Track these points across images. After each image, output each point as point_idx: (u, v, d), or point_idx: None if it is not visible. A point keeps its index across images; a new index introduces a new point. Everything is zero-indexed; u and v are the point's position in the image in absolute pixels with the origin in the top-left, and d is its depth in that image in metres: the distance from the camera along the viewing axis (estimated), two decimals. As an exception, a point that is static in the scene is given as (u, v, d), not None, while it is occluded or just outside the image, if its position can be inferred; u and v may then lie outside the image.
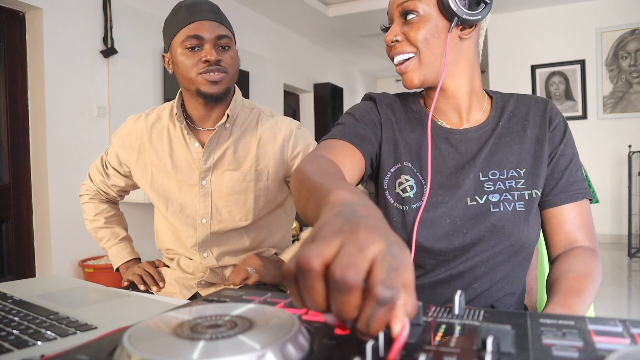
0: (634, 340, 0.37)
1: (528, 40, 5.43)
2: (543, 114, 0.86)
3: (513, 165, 0.83)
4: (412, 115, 0.91)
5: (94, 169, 1.39)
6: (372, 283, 0.32)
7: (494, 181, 0.82)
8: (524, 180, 0.82)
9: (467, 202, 0.82)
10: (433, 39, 0.80)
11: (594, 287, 0.75)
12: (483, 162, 0.84)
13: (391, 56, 0.84)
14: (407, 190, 0.84)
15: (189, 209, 1.23)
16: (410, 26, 0.80)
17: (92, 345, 0.39)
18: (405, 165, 0.86)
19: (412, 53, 0.81)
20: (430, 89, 0.88)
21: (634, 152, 4.65)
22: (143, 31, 3.43)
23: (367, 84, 8.53)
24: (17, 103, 2.92)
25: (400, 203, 0.85)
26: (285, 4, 4.89)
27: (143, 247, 1.80)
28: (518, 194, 0.81)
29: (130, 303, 0.74)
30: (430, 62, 0.81)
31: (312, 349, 0.36)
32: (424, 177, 0.84)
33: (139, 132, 1.26)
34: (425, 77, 0.82)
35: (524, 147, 0.84)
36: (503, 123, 0.87)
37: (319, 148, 0.81)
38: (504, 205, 0.80)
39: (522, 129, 0.86)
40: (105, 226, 1.40)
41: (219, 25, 1.13)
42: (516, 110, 0.88)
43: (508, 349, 0.35)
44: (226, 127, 1.20)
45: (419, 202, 0.83)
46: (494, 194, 0.81)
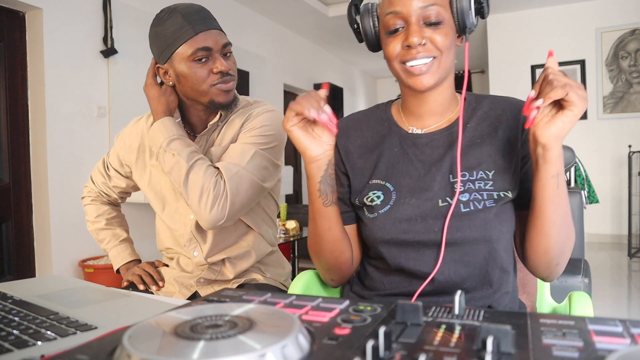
0: (634, 340, 0.37)
1: (528, 40, 5.43)
2: (516, 116, 0.86)
3: (482, 167, 0.84)
4: (380, 124, 0.94)
5: (95, 170, 1.40)
6: None
7: (463, 182, 0.83)
8: (492, 182, 0.83)
9: (438, 204, 0.83)
10: (452, 44, 0.83)
11: (572, 231, 0.80)
12: (452, 164, 0.85)
13: (410, 58, 0.82)
14: (374, 200, 0.87)
15: (182, 206, 1.23)
16: (435, 32, 0.81)
17: (92, 345, 0.39)
18: (373, 182, 0.89)
19: (434, 57, 0.82)
20: (418, 93, 0.87)
21: (634, 152, 4.65)
22: (143, 31, 3.41)
23: (367, 84, 8.53)
24: (17, 103, 2.92)
25: (370, 212, 0.88)
26: (285, 4, 4.89)
27: (143, 247, 1.80)
28: (487, 194, 0.82)
29: (130, 303, 0.74)
30: (446, 66, 0.83)
31: (312, 349, 0.36)
32: (393, 185, 0.87)
33: (139, 133, 1.28)
34: (439, 80, 0.84)
35: (494, 148, 0.85)
36: (473, 125, 0.87)
37: None
38: (473, 204, 0.81)
39: (493, 130, 0.86)
40: (107, 228, 1.40)
41: (220, 33, 1.14)
42: (490, 112, 0.88)
43: (508, 349, 0.35)
44: (218, 125, 1.22)
45: (386, 206, 0.85)
46: (464, 194, 0.82)
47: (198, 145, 1.20)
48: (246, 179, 1.12)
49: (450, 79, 0.88)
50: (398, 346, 0.37)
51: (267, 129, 1.18)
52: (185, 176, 1.08)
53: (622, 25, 5.06)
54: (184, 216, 1.23)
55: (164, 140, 1.11)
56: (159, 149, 1.12)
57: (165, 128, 1.12)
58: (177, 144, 1.11)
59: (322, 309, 0.47)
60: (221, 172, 1.10)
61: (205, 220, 1.09)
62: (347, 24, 0.93)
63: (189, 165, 1.08)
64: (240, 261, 1.25)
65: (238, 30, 4.72)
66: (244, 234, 1.26)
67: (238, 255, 1.25)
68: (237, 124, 1.20)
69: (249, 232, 1.27)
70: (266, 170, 1.17)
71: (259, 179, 1.15)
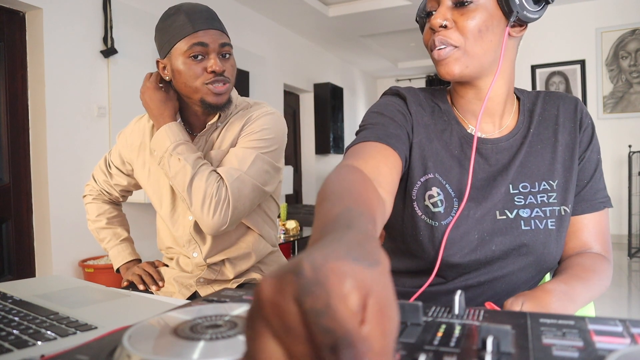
0: (634, 340, 0.37)
1: (528, 40, 5.42)
2: (573, 117, 0.81)
3: (545, 177, 0.78)
4: (439, 116, 0.84)
5: (97, 169, 1.40)
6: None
7: (524, 195, 0.77)
8: (556, 194, 0.77)
9: (496, 216, 0.77)
10: (486, 31, 0.73)
11: (599, 284, 0.73)
12: (514, 173, 0.79)
13: (432, 43, 0.75)
14: (437, 205, 0.78)
15: (179, 207, 1.24)
16: (464, 14, 0.72)
17: (92, 345, 0.39)
18: (435, 177, 0.80)
19: (457, 45, 0.73)
20: (462, 85, 0.80)
21: (634, 152, 4.65)
22: (143, 31, 3.43)
23: (367, 84, 8.53)
24: (17, 103, 2.92)
25: (429, 217, 0.79)
26: (285, 4, 4.89)
27: (143, 247, 1.80)
28: (550, 210, 0.77)
29: (130, 303, 0.74)
30: (477, 55, 0.74)
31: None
32: (454, 190, 0.79)
33: (141, 131, 1.28)
34: (468, 70, 0.74)
35: (556, 156, 0.79)
36: (533, 130, 0.81)
37: (348, 156, 0.72)
38: (535, 223, 0.76)
39: (552, 134, 0.80)
40: (107, 227, 1.40)
41: (221, 34, 1.13)
42: (545, 113, 0.82)
43: (508, 348, 0.35)
44: (217, 127, 1.21)
45: (448, 217, 0.78)
46: (525, 209, 0.77)
47: (197, 146, 1.20)
48: (248, 184, 1.12)
49: (501, 74, 0.78)
50: (398, 346, 0.37)
51: (266, 133, 1.18)
52: (190, 182, 1.08)
53: (622, 25, 5.06)
54: (182, 217, 1.24)
55: (170, 144, 1.11)
56: (164, 153, 1.12)
57: (172, 133, 1.13)
58: (183, 149, 1.11)
59: (322, 309, 0.47)
60: (223, 177, 1.10)
61: (208, 226, 1.10)
62: (347, 24, 0.92)
63: (194, 171, 1.09)
64: (240, 262, 1.25)
65: (238, 30, 4.72)
66: (243, 234, 1.26)
67: (238, 256, 1.25)
68: (236, 127, 1.20)
69: (248, 233, 1.27)
70: (267, 174, 1.17)
71: (261, 183, 1.15)
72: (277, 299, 0.23)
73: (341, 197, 0.45)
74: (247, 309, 0.26)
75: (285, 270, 0.23)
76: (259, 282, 0.24)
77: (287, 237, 3.12)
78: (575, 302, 0.65)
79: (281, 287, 0.23)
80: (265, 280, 0.24)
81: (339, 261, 0.24)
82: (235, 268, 1.25)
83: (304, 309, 0.22)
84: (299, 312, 0.22)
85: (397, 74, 8.66)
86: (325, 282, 0.22)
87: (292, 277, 0.23)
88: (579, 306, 0.67)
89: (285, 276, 0.23)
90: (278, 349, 0.23)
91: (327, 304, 0.22)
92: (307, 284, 0.22)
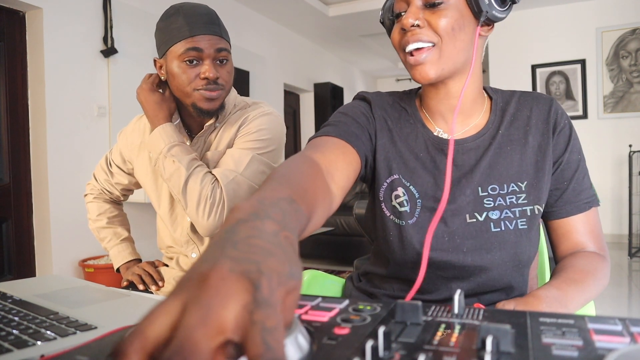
0: (634, 339, 0.37)
1: (528, 40, 5.43)
2: (547, 118, 0.80)
3: (514, 178, 0.78)
4: (406, 119, 0.85)
5: (98, 168, 1.40)
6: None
7: (493, 197, 0.77)
8: (525, 195, 0.77)
9: (466, 219, 0.77)
10: (459, 30, 0.73)
11: (595, 285, 0.72)
12: (482, 175, 0.78)
13: (405, 43, 0.75)
14: (403, 205, 0.80)
15: (177, 207, 1.24)
16: (435, 13, 0.73)
17: (92, 345, 0.39)
18: (399, 177, 0.82)
19: (432, 43, 0.73)
20: (432, 86, 0.81)
21: (635, 151, 4.65)
22: (143, 31, 3.43)
23: (367, 84, 8.53)
24: (17, 103, 2.92)
25: (397, 217, 0.81)
26: (285, 4, 4.88)
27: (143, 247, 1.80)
28: (519, 211, 0.77)
29: (130, 303, 0.74)
30: (451, 55, 0.74)
31: (312, 349, 0.36)
32: (418, 192, 0.80)
33: (141, 129, 1.28)
34: (443, 71, 0.75)
35: (525, 157, 0.79)
36: (503, 130, 0.80)
37: (307, 147, 0.74)
38: (504, 224, 0.76)
39: (523, 135, 0.80)
40: (108, 226, 1.40)
41: (219, 39, 1.10)
42: (518, 113, 0.82)
43: (508, 348, 0.35)
44: (215, 127, 1.21)
45: (413, 217, 0.79)
46: (494, 211, 0.77)
47: (195, 147, 1.19)
48: (243, 185, 1.11)
49: (472, 74, 0.78)
50: (397, 346, 0.37)
51: (263, 133, 1.17)
52: (184, 184, 1.08)
53: (622, 25, 5.06)
54: (180, 217, 1.24)
55: (164, 146, 1.10)
56: (159, 155, 1.11)
57: (166, 134, 1.12)
58: (177, 150, 1.10)
59: (322, 308, 0.47)
60: (218, 179, 1.10)
61: (203, 227, 1.09)
62: (347, 24, 0.92)
63: (188, 173, 1.08)
64: None
65: (238, 30, 4.72)
66: None
67: None
68: (234, 127, 1.19)
69: None
70: (264, 174, 1.16)
71: (257, 184, 1.14)
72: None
73: (288, 184, 0.47)
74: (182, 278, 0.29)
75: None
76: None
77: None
78: (567, 308, 0.65)
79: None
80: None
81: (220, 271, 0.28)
82: None
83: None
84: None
85: (397, 73, 8.66)
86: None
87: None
88: (571, 311, 0.66)
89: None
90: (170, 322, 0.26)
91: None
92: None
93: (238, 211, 0.36)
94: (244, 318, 0.26)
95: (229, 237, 0.32)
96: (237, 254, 0.29)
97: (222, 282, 0.27)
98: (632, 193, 4.64)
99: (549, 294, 0.65)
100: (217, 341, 0.25)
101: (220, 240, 0.32)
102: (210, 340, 0.24)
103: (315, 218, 0.53)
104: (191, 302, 0.26)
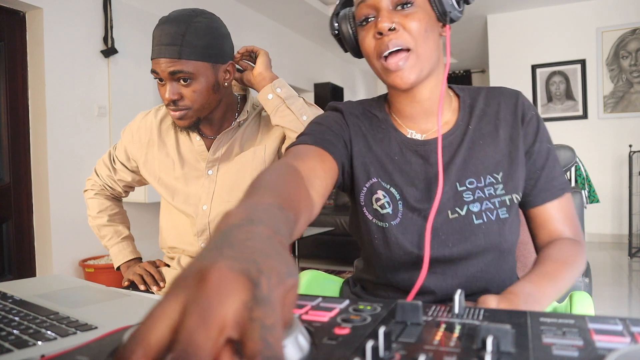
0: (634, 339, 0.37)
1: (528, 40, 5.43)
2: (514, 110, 0.83)
3: (489, 170, 0.80)
4: (377, 125, 0.87)
5: (100, 163, 1.40)
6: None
7: (472, 190, 0.79)
8: (503, 185, 0.79)
9: (448, 216, 0.79)
10: (430, 31, 0.75)
11: (570, 273, 0.74)
12: (458, 170, 0.80)
13: (383, 48, 0.75)
14: (385, 207, 0.82)
15: (192, 197, 1.24)
16: (407, 16, 0.74)
17: (92, 345, 0.39)
18: (378, 181, 0.83)
19: (409, 46, 0.75)
20: (404, 91, 0.81)
21: (635, 151, 4.65)
22: (143, 31, 3.43)
23: (367, 84, 8.53)
24: (18, 103, 2.92)
25: (379, 220, 0.82)
26: (285, 4, 4.89)
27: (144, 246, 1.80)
28: (499, 201, 0.79)
29: (130, 303, 0.74)
30: (426, 56, 0.76)
31: (312, 349, 0.36)
32: (398, 193, 0.82)
33: (149, 127, 1.29)
34: (422, 73, 0.76)
35: (498, 149, 0.81)
36: (474, 125, 0.83)
37: (286, 155, 0.75)
38: (486, 215, 0.78)
39: (494, 129, 0.82)
40: (109, 224, 1.40)
41: (173, 62, 1.06)
42: (486, 109, 0.84)
43: (508, 348, 0.35)
44: (240, 125, 1.25)
45: (396, 218, 0.81)
46: (474, 203, 0.79)
47: (219, 142, 1.22)
48: None
49: (438, 75, 0.81)
50: (398, 346, 0.37)
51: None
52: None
53: (622, 25, 5.06)
54: (194, 206, 1.24)
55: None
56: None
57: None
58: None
59: (322, 308, 0.47)
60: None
61: None
62: None
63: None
64: None
65: (238, 30, 4.72)
66: None
67: None
68: (257, 126, 1.26)
69: None
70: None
71: None
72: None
73: (275, 191, 0.48)
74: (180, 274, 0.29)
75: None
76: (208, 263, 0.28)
77: (288, 237, 3.13)
78: (540, 303, 0.67)
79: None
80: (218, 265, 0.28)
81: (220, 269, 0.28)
82: None
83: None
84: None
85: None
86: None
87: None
88: (546, 304, 0.68)
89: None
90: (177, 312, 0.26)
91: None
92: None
93: (230, 217, 0.37)
94: (243, 315, 0.26)
95: (225, 239, 0.32)
96: (235, 254, 0.30)
97: (221, 280, 0.27)
98: (632, 193, 4.64)
99: (524, 291, 0.67)
100: (219, 341, 0.25)
101: (217, 242, 0.32)
102: (212, 341, 0.25)
103: (299, 225, 0.54)
104: (190, 303, 0.26)
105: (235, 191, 1.23)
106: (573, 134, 5.20)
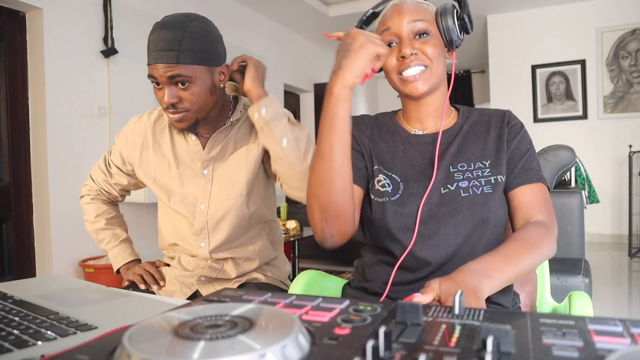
0: (634, 340, 0.37)
1: (528, 40, 5.43)
2: (502, 119, 0.98)
3: (479, 158, 0.94)
4: (386, 128, 1.03)
5: (96, 169, 1.41)
6: None
7: (462, 172, 0.93)
8: (489, 170, 0.92)
9: (440, 191, 0.92)
10: (441, 55, 0.94)
11: (531, 254, 0.79)
12: (451, 157, 0.94)
13: (405, 67, 0.92)
14: (385, 186, 0.95)
15: (189, 198, 1.25)
16: (424, 43, 0.93)
17: (92, 345, 0.39)
18: (379, 167, 0.98)
19: (426, 64, 0.92)
20: (414, 100, 0.97)
21: (635, 152, 4.65)
22: (143, 31, 3.42)
23: (367, 84, 8.53)
24: (18, 103, 2.92)
25: (379, 197, 0.94)
26: (286, 4, 4.89)
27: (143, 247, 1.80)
28: (485, 180, 0.91)
29: (130, 303, 0.74)
30: (437, 74, 0.94)
31: (312, 349, 0.36)
32: (399, 176, 0.95)
33: (142, 130, 1.30)
34: (432, 86, 0.94)
35: (488, 143, 0.96)
36: (467, 127, 0.99)
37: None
38: (472, 189, 0.90)
39: (485, 130, 0.98)
40: (106, 228, 1.40)
41: (170, 67, 1.08)
42: (480, 119, 1.00)
43: (508, 348, 0.35)
44: (233, 125, 1.26)
45: (396, 195, 0.93)
46: (463, 181, 0.91)
47: (215, 140, 1.24)
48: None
49: (443, 88, 0.98)
50: (398, 346, 0.37)
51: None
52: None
53: (622, 25, 5.06)
54: (191, 206, 1.25)
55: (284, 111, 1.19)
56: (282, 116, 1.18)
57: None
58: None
59: (322, 308, 0.47)
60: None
61: (302, 172, 1.17)
62: (347, 24, 0.98)
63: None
64: (243, 263, 1.28)
65: (238, 30, 4.72)
66: (254, 238, 1.29)
67: (242, 257, 1.27)
68: (250, 126, 1.26)
69: (259, 238, 1.30)
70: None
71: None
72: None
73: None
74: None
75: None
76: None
77: (287, 237, 3.12)
78: (491, 278, 0.71)
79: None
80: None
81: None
82: (238, 268, 1.26)
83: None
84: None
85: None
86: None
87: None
88: (499, 281, 0.73)
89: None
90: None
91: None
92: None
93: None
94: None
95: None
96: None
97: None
98: (632, 193, 4.64)
99: (471, 267, 0.72)
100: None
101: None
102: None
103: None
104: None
105: (231, 189, 1.24)
106: (573, 134, 5.20)
